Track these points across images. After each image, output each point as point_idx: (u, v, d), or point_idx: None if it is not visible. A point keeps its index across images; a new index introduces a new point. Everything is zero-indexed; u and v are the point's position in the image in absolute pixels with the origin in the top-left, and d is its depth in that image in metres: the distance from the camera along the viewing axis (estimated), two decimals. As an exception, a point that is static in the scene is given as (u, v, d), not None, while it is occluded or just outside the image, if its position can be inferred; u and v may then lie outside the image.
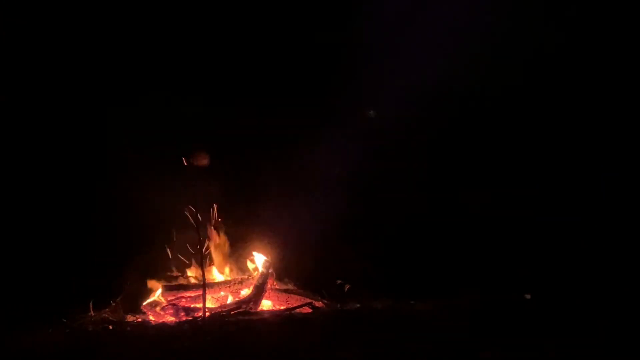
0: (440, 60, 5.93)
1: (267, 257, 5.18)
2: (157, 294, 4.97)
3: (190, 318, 4.57)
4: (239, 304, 4.76)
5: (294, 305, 4.85)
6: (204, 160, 5.36)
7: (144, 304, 4.91)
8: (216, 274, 5.26)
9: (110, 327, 4.49)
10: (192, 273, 5.18)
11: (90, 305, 4.90)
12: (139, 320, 4.75)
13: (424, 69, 5.84)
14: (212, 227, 5.20)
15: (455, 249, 5.87)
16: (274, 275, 5.18)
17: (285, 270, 5.40)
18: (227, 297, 4.99)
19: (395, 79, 5.98)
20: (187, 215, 4.79)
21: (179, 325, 4.43)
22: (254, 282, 4.98)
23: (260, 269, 5.11)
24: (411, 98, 5.94)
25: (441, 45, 5.95)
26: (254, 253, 5.25)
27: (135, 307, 4.94)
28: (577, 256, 5.52)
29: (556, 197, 5.97)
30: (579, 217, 5.69)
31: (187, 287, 4.98)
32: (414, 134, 6.26)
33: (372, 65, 6.24)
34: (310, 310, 4.69)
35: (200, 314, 4.56)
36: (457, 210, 6.06)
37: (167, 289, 4.96)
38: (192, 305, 4.79)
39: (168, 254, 5.26)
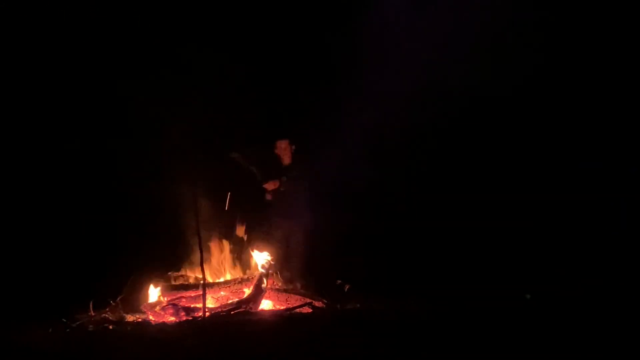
0: (439, 61, 5.94)
1: (268, 258, 5.18)
2: (157, 294, 4.97)
3: (190, 318, 4.57)
4: (239, 304, 4.76)
5: (294, 305, 4.85)
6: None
7: (144, 304, 4.91)
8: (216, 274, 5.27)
9: (110, 327, 4.50)
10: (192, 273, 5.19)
11: (90, 305, 4.90)
12: (139, 320, 4.75)
13: (422, 71, 5.86)
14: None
15: (454, 250, 5.88)
16: (274, 275, 5.18)
17: (285, 271, 5.40)
18: (227, 297, 4.99)
19: (393, 81, 6.00)
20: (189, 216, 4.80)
21: (179, 325, 4.43)
22: (254, 282, 4.98)
23: (260, 269, 5.11)
24: (408, 100, 5.96)
25: (439, 47, 5.97)
26: (254, 254, 5.25)
27: (135, 307, 4.95)
28: (575, 257, 5.54)
29: (555, 198, 5.99)
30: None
31: (187, 287, 4.99)
32: (410, 138, 6.28)
33: (370, 68, 6.24)
34: (310, 310, 4.69)
35: (200, 314, 4.56)
36: (456, 212, 6.07)
37: (167, 289, 4.96)
38: (192, 305, 4.79)
39: (168, 254, 5.27)
